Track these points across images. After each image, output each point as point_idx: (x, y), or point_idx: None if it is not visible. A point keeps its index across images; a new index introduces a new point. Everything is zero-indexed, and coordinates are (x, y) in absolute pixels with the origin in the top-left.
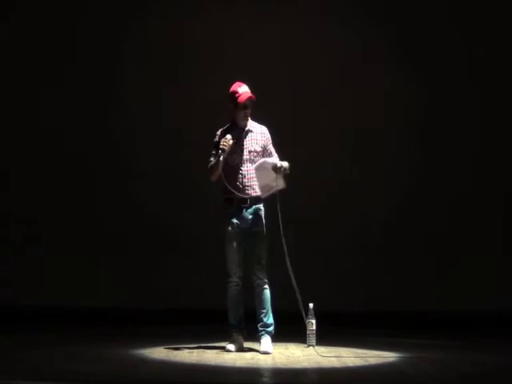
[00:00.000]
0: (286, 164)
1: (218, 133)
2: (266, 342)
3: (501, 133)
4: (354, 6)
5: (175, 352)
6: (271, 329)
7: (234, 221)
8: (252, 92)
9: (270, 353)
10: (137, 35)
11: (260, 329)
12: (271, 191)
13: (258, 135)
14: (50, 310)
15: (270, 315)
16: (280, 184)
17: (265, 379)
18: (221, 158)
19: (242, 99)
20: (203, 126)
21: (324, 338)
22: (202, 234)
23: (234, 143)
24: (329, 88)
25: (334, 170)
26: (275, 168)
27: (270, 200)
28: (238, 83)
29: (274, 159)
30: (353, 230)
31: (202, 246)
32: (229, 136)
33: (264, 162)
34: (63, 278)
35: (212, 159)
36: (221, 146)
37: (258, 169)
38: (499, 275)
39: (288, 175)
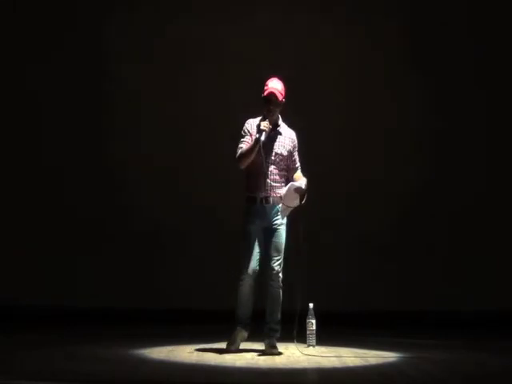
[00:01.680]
0: (305, 182)
1: (250, 120)
2: (272, 342)
3: (505, 133)
4: (357, 5)
5: (175, 352)
6: (278, 331)
7: (256, 220)
8: (285, 89)
9: (276, 353)
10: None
11: (267, 329)
12: (289, 210)
13: (286, 139)
14: (50, 310)
15: (279, 316)
16: (296, 203)
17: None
18: (262, 137)
19: (265, 93)
20: (203, 125)
21: (324, 338)
22: (202, 234)
23: (270, 129)
24: (331, 88)
25: (334, 170)
26: (298, 189)
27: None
28: (273, 77)
29: (301, 182)
30: (353, 230)
31: (203, 246)
32: (267, 121)
33: (291, 186)
34: (63, 278)
35: (243, 146)
36: (262, 127)
37: (285, 195)
38: (499, 275)
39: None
